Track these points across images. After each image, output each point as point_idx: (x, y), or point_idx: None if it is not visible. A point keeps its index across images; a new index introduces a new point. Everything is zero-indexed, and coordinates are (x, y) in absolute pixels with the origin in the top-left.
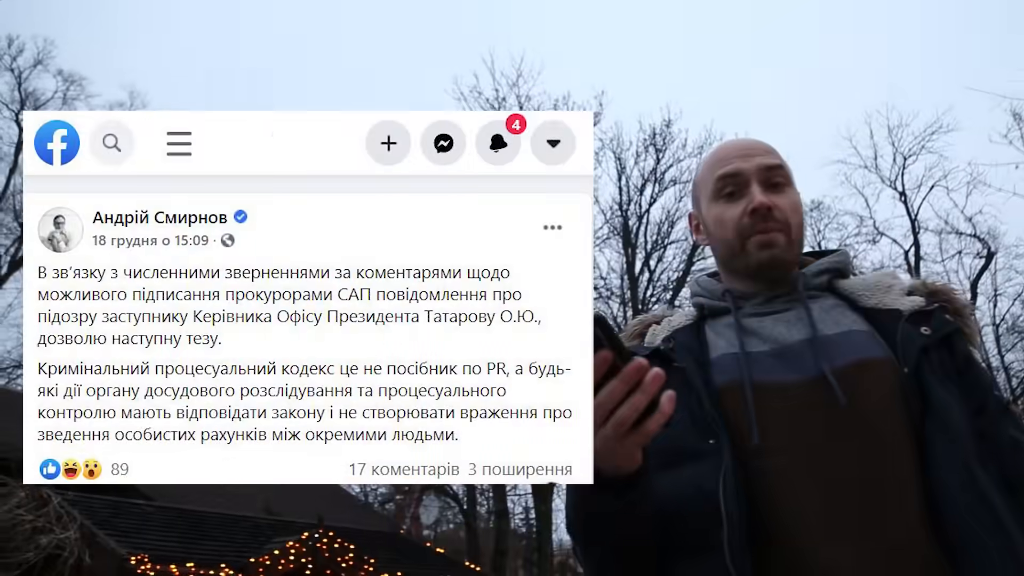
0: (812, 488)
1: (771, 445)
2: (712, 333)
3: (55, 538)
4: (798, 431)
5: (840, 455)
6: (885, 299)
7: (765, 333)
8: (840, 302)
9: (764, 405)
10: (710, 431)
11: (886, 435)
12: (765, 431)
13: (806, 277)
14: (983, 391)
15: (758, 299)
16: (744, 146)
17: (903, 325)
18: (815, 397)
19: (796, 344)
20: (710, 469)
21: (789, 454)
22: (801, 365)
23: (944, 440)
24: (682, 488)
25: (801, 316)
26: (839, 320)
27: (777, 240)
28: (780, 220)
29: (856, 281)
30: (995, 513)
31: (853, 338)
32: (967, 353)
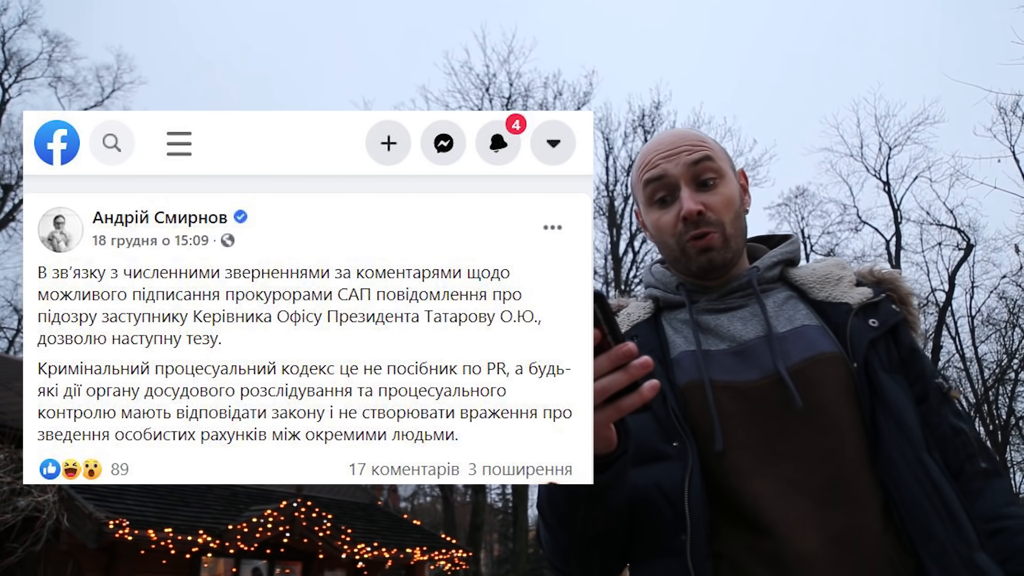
0: (772, 485)
1: (731, 444)
2: (670, 329)
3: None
4: (757, 430)
5: (798, 451)
6: (834, 292)
7: (722, 331)
8: (792, 293)
9: (724, 406)
10: (674, 433)
11: (840, 429)
12: (725, 431)
13: (759, 271)
14: (925, 380)
15: (712, 294)
16: (668, 143)
17: (852, 319)
18: (772, 396)
19: (753, 342)
20: (674, 472)
21: (749, 452)
22: (758, 364)
23: (896, 432)
24: (646, 489)
25: (756, 313)
26: (792, 316)
27: (713, 242)
28: (714, 221)
29: (807, 271)
30: (947, 504)
31: (806, 334)
32: (911, 342)
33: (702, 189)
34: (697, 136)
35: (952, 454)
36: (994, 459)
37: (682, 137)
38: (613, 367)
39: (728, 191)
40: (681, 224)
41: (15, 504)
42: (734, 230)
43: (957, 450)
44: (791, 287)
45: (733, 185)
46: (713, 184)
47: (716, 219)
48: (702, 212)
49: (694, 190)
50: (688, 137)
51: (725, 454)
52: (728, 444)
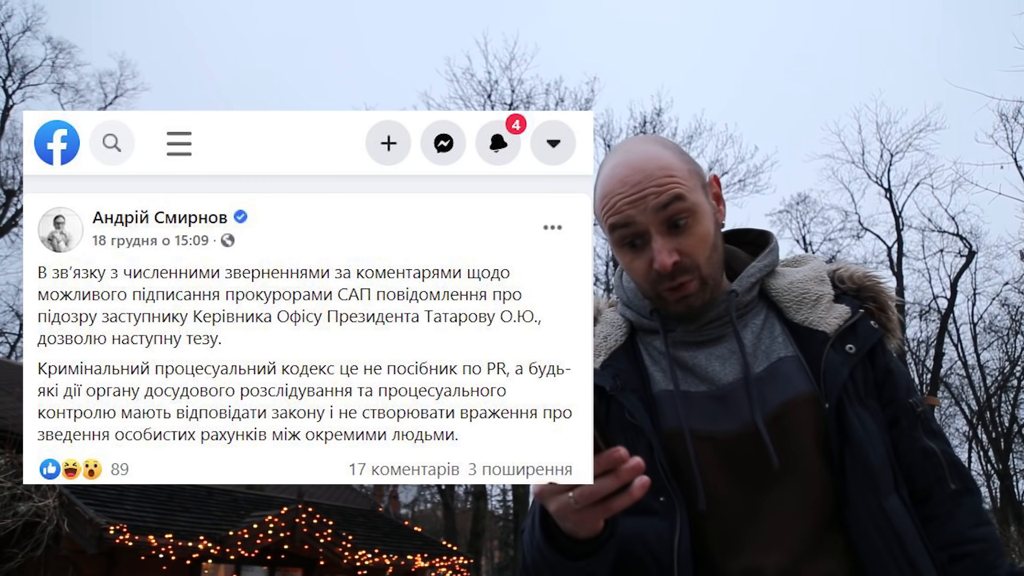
0: (753, 541)
1: (712, 500)
2: (648, 358)
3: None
4: (738, 484)
5: (778, 504)
6: (811, 316)
7: (700, 371)
8: (769, 313)
9: (705, 458)
10: (661, 488)
11: (811, 476)
12: (707, 486)
13: (737, 295)
14: (898, 403)
15: (690, 325)
16: (632, 184)
17: (828, 351)
18: (751, 449)
19: (730, 386)
20: (661, 529)
21: (730, 509)
22: (736, 413)
23: (861, 478)
24: (631, 542)
25: (734, 350)
26: (769, 348)
27: (690, 290)
28: (689, 267)
29: (784, 284)
30: (906, 551)
31: (782, 370)
32: (887, 363)
33: (673, 232)
34: (660, 166)
35: (921, 479)
36: (966, 477)
37: (645, 175)
38: (603, 471)
39: (702, 229)
40: (655, 274)
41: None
42: (711, 268)
43: (927, 473)
44: (769, 303)
45: (706, 216)
46: (685, 224)
47: (691, 263)
48: (678, 262)
49: (665, 235)
50: (651, 173)
51: (708, 510)
52: (710, 500)
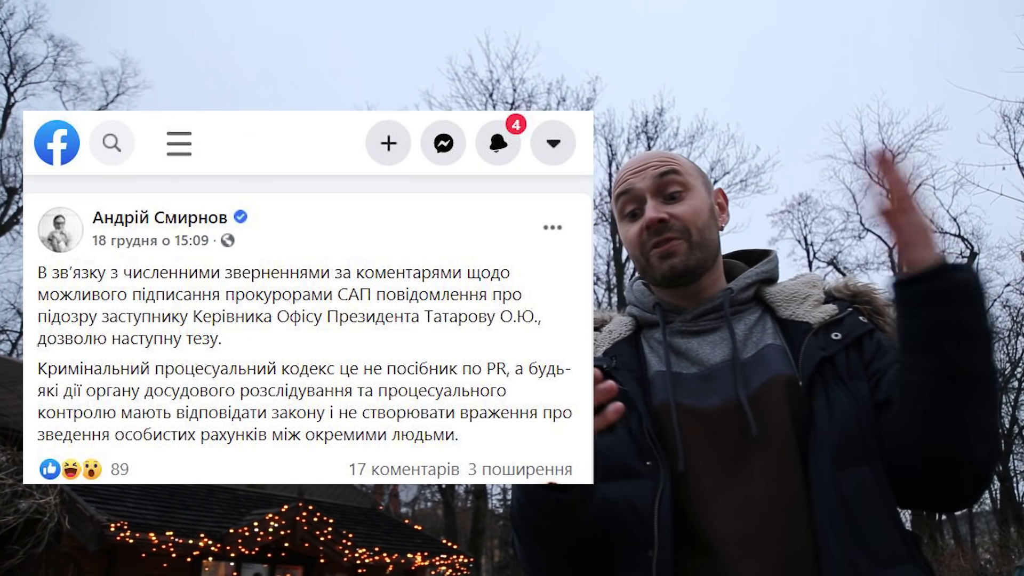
0: (725, 508)
1: (694, 467)
2: (648, 348)
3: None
4: (717, 454)
5: (753, 476)
6: (798, 311)
7: (692, 355)
8: (763, 314)
9: (689, 429)
10: (647, 453)
11: (783, 452)
12: (689, 454)
13: (733, 292)
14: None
15: (686, 315)
16: (639, 161)
17: (808, 338)
18: (732, 422)
19: (718, 366)
20: (645, 490)
21: (708, 476)
22: (721, 389)
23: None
24: (618, 505)
25: (725, 338)
26: (759, 339)
27: (677, 249)
28: (678, 228)
29: (777, 290)
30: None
31: (767, 356)
32: (880, 343)
33: (668, 201)
34: (667, 155)
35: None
36: None
37: (652, 155)
38: None
39: (695, 203)
40: (645, 233)
41: (16, 506)
42: (701, 239)
43: None
44: (764, 305)
45: (701, 198)
46: (679, 196)
47: (681, 227)
48: (664, 220)
49: (659, 202)
50: (658, 155)
51: (685, 476)
52: (689, 467)
